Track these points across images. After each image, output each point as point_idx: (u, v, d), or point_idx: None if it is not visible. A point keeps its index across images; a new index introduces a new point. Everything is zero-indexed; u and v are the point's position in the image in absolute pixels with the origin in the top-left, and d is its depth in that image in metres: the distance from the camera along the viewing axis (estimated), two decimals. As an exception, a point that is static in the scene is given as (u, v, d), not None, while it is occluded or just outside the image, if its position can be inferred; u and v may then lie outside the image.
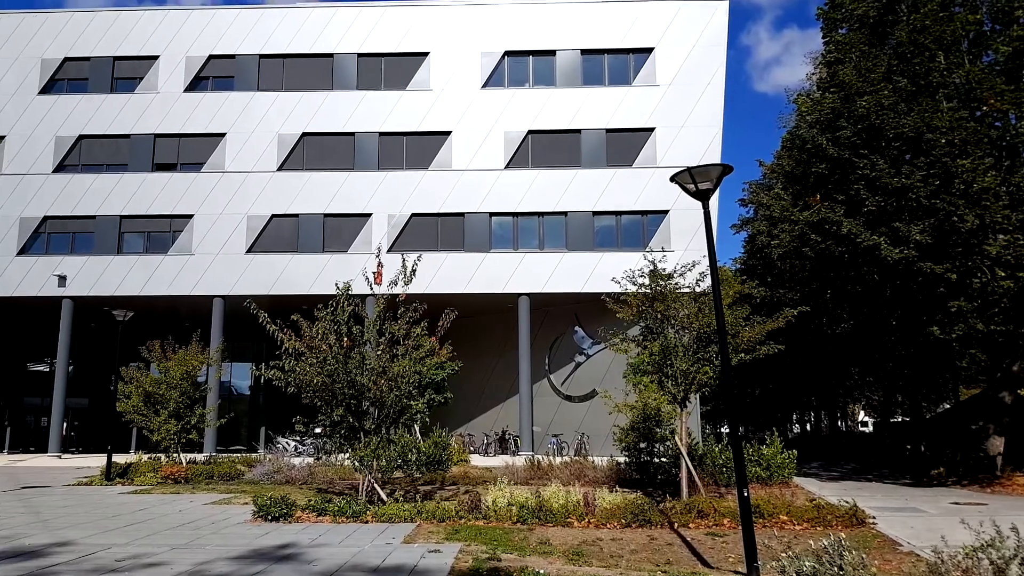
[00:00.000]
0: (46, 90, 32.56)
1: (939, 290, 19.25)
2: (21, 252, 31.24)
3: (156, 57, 32.47)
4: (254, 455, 26.22)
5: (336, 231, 30.88)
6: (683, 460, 13.82)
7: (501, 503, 12.53)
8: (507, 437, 30.45)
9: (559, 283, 29.80)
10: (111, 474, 19.54)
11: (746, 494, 8.38)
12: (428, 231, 30.56)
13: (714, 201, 30.76)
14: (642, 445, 17.05)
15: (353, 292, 14.47)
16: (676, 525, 11.63)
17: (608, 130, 30.81)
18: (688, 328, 14.24)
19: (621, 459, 18.00)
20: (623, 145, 30.63)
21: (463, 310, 15.57)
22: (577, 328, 31.86)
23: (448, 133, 31.10)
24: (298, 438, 28.96)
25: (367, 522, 12.09)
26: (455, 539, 10.41)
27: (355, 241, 30.58)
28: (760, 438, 25.83)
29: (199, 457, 23.68)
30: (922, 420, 31.97)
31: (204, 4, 31.05)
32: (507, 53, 31.66)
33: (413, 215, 30.69)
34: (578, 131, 30.94)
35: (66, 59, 32.71)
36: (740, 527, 8.68)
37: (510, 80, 31.71)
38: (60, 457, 29.78)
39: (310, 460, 20.75)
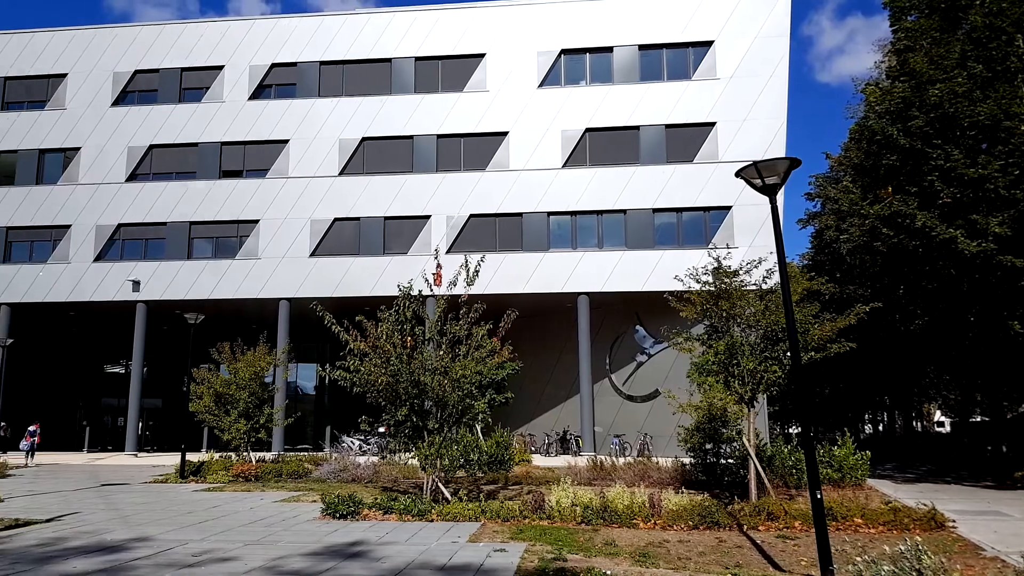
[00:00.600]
0: (118, 102, 33.84)
1: (1020, 284, 18.38)
2: (97, 259, 32.54)
3: (221, 67, 33.41)
4: (320, 454, 26.73)
5: (396, 233, 31.27)
6: (751, 461, 13.50)
7: (565, 503, 12.44)
8: (568, 437, 30.32)
9: (619, 282, 29.55)
10: (185, 472, 20.16)
11: (819, 496, 8.12)
12: (486, 232, 30.68)
13: (779, 196, 30.05)
14: (708, 446, 16.74)
15: (415, 293, 14.58)
16: (745, 527, 11.36)
17: (667, 126, 30.42)
18: (755, 326, 13.92)
19: (686, 460, 17.70)
20: (683, 141, 30.19)
21: (522, 310, 15.52)
22: (638, 327, 31.51)
23: (505, 133, 31.17)
24: (362, 437, 29.42)
25: (432, 521, 12.15)
26: (520, 539, 10.37)
27: (415, 243, 30.91)
28: (831, 439, 25.11)
29: (268, 456, 24.24)
30: (1003, 420, 30.57)
31: (265, 14, 32.12)
32: (563, 51, 31.57)
33: (471, 216, 30.85)
34: (636, 128, 30.63)
35: (136, 72, 33.95)
36: (812, 530, 8.43)
37: (567, 78, 31.59)
38: (136, 455, 30.93)
39: (375, 459, 21.03)
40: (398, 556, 9.09)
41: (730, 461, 16.47)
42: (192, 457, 22.84)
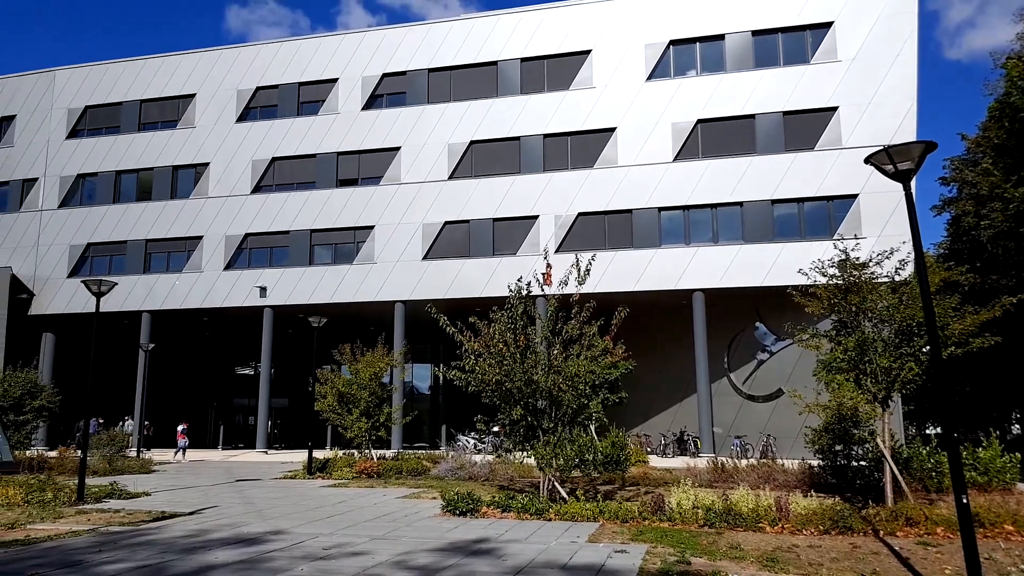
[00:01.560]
0: (242, 118, 35.77)
1: None
2: (227, 267, 34.50)
3: (335, 80, 34.72)
4: (436, 452, 27.29)
5: (505, 234, 31.51)
6: (886, 463, 12.72)
7: (686, 505, 12.12)
8: (686, 438, 29.64)
9: (736, 277, 28.61)
10: (312, 469, 21.02)
11: (965, 500, 7.51)
12: (595, 229, 30.43)
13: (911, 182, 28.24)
14: (837, 447, 15.91)
15: (526, 293, 14.59)
16: (882, 533, 10.70)
17: (785, 113, 29.21)
18: (888, 321, 13.10)
19: (813, 462, 16.90)
20: (802, 128, 28.90)
21: (634, 308, 15.26)
22: (758, 324, 30.40)
23: (612, 129, 30.82)
24: (477, 436, 29.80)
25: (550, 520, 12.11)
26: (640, 540, 10.17)
27: (523, 243, 31.05)
28: (974, 440, 23.36)
29: (388, 453, 24.95)
30: None
31: (371, 26, 32.84)
32: (672, 42, 30.90)
33: (579, 214, 30.68)
34: (751, 116, 29.59)
35: (258, 88, 35.78)
36: (956, 537, 7.81)
37: (676, 70, 30.91)
38: (266, 452, 32.56)
39: (490, 457, 21.22)
40: (520, 554, 9.10)
41: (862, 463, 15.60)
42: (318, 454, 23.76)
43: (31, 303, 36.39)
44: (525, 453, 14.68)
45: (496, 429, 21.25)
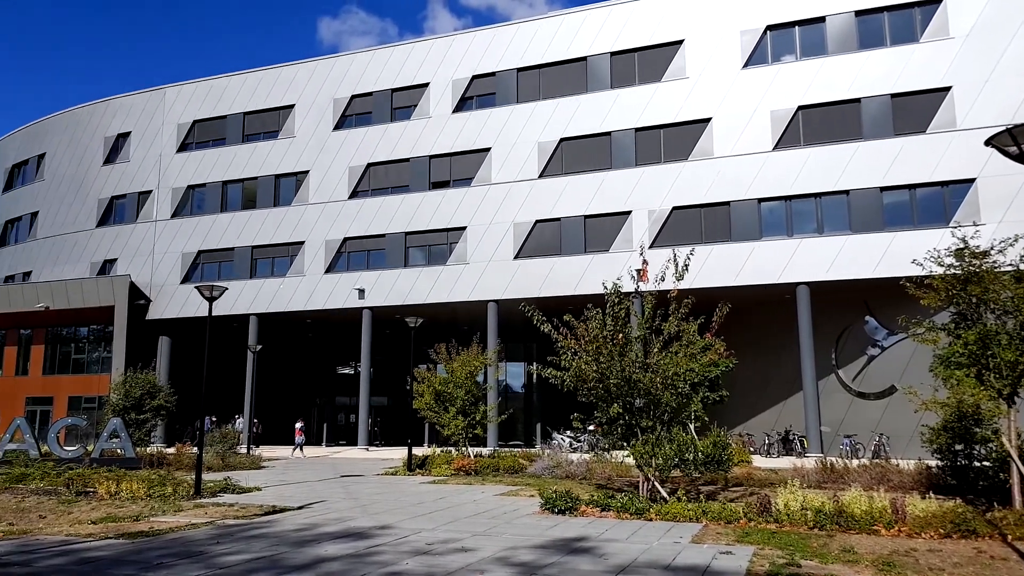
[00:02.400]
0: (338, 126, 36.89)
1: None
2: (328, 270, 35.67)
3: (426, 85, 35.33)
4: (532, 450, 27.31)
5: (597, 231, 31.25)
6: (1013, 464, 11.87)
7: (794, 506, 11.65)
8: (791, 437, 28.59)
9: (843, 269, 27.39)
10: (411, 465, 21.44)
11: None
12: (691, 223, 29.77)
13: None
14: (958, 447, 14.96)
15: (622, 290, 14.40)
16: (1010, 538, 10.00)
17: (893, 95, 27.75)
18: (1013, 313, 12.21)
19: (931, 462, 15.96)
20: (912, 110, 27.39)
21: (734, 303, 14.80)
22: (868, 318, 28.97)
23: (707, 120, 30.08)
24: (573, 434, 29.67)
25: (651, 520, 11.91)
26: (746, 542, 9.85)
27: (616, 239, 30.72)
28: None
29: (484, 451, 25.18)
30: None
31: (458, 30, 33.10)
32: (769, 28, 29.90)
33: (674, 208, 30.09)
34: (856, 100, 28.25)
35: (353, 96, 36.82)
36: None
37: (773, 55, 29.89)
38: (367, 449, 33.46)
39: (586, 456, 21.09)
40: (621, 553, 8.97)
41: (985, 464, 14.61)
42: (416, 451, 24.18)
43: (148, 308, 38.67)
44: (623, 452, 14.50)
45: (592, 427, 21.00)
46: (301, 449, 31.19)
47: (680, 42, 31.05)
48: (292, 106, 37.85)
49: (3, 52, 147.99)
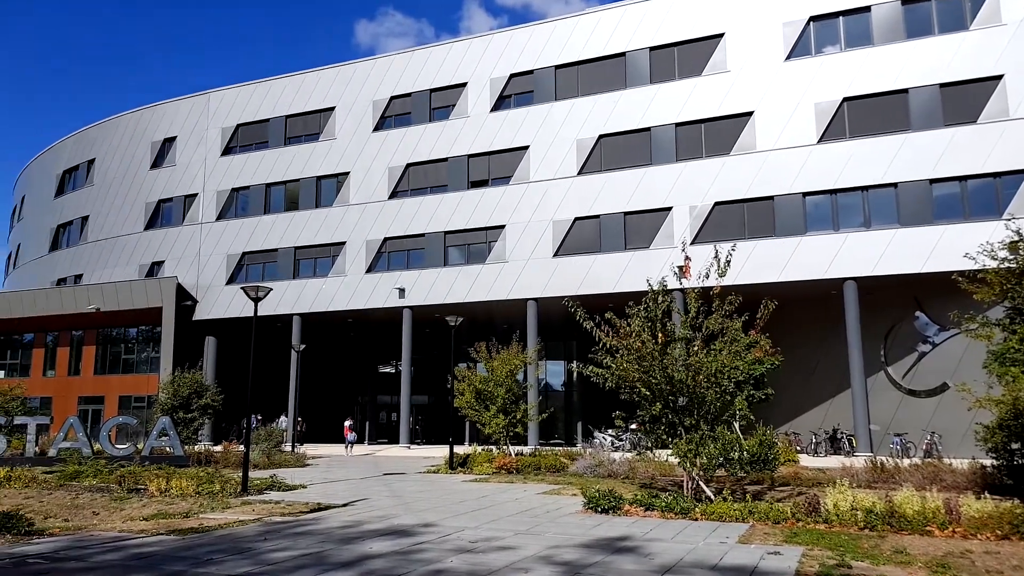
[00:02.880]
0: (378, 127, 37.20)
1: None
2: (368, 270, 36.00)
3: (464, 84, 35.42)
4: (573, 449, 27.22)
5: (637, 228, 31.01)
6: (1077, 464, 11.43)
7: (843, 506, 11.39)
8: (839, 436, 28.02)
9: (891, 263, 26.73)
10: (453, 464, 21.52)
11: None
12: (733, 219, 29.36)
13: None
14: (1014, 446, 14.47)
15: (664, 287, 14.24)
16: (1075, 541, 9.62)
17: (942, 85, 27.02)
18: (1073, 305, 11.79)
19: (986, 462, 15.49)
20: (962, 100, 26.62)
21: (780, 299, 14.52)
22: (918, 313, 28.24)
23: (750, 114, 29.64)
24: (614, 433, 29.49)
25: (696, 519, 11.76)
26: (794, 542, 9.66)
27: (656, 236, 30.44)
28: None
29: (525, 450, 25.17)
30: None
31: (493, 29, 33.10)
32: (812, 18, 29.35)
33: (716, 204, 29.71)
34: (904, 91, 27.58)
35: (392, 97, 37.09)
36: None
37: (817, 47, 29.32)
38: (409, 448, 33.69)
39: (628, 455, 20.93)
40: (666, 553, 8.87)
41: (1044, 463, 14.12)
42: (457, 450, 24.25)
43: (195, 309, 39.47)
44: (666, 451, 14.35)
45: (634, 426, 20.83)
46: (351, 447, 31.76)
47: (720, 35, 30.64)
48: (332, 108, 38.28)
49: (54, 60, 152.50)
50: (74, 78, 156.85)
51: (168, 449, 21.59)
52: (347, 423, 32.99)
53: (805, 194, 28.50)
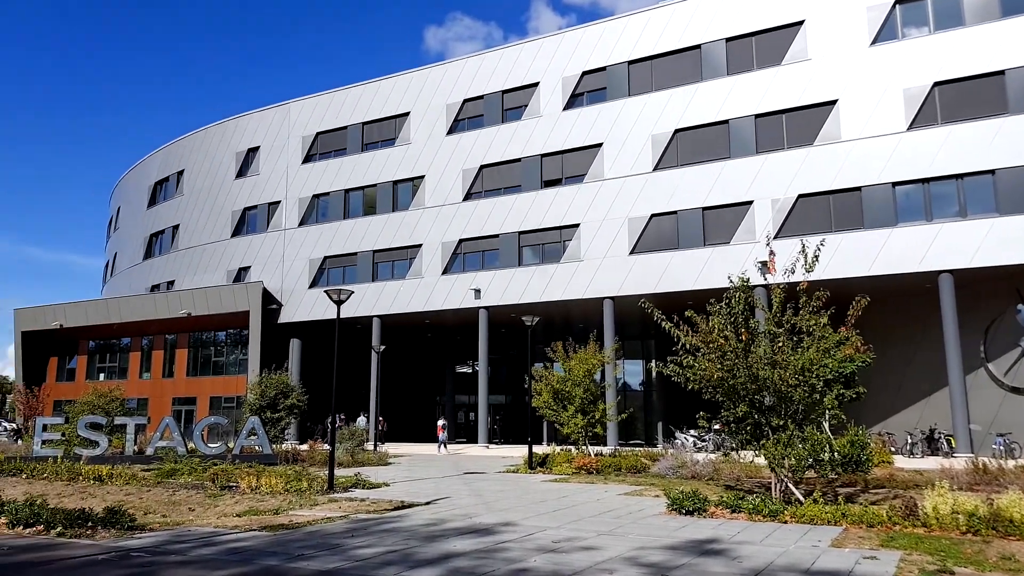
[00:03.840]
0: (451, 131, 37.59)
1: None
2: (444, 272, 36.41)
3: (536, 84, 35.43)
4: (654, 449, 26.84)
5: (716, 223, 30.37)
6: None
7: (943, 510, 10.83)
8: (937, 436, 26.74)
9: (990, 255, 25.37)
10: (532, 463, 21.50)
11: None
12: (818, 211, 28.40)
13: None
14: None
15: (746, 283, 13.87)
16: None
17: (1045, 63, 25.50)
18: None
19: (1103, 464, 14.49)
20: (1066, 79, 25.05)
21: (869, 294, 13.92)
22: (1021, 307, 26.69)
23: (833, 102, 28.62)
24: (696, 433, 28.93)
25: (785, 522, 11.39)
26: (891, 546, 9.23)
27: (737, 231, 29.74)
28: None
29: (604, 450, 24.96)
30: None
31: (561, 28, 32.86)
32: (898, 1, 28.11)
33: (799, 196, 28.81)
34: (1000, 72, 26.16)
35: (464, 100, 37.42)
36: None
37: (904, 30, 28.09)
38: (487, 447, 33.90)
39: (712, 456, 20.51)
40: (756, 556, 8.60)
41: None
42: (536, 449, 24.22)
43: (280, 312, 40.74)
44: (753, 452, 13.97)
45: (717, 426, 20.38)
46: (445, 446, 32.25)
47: (800, 23, 29.70)
48: (407, 113, 38.88)
49: (143, 76, 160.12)
50: (163, 93, 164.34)
51: (257, 448, 22.31)
52: (440, 423, 33.61)
53: (895, 184, 27.32)
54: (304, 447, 27.04)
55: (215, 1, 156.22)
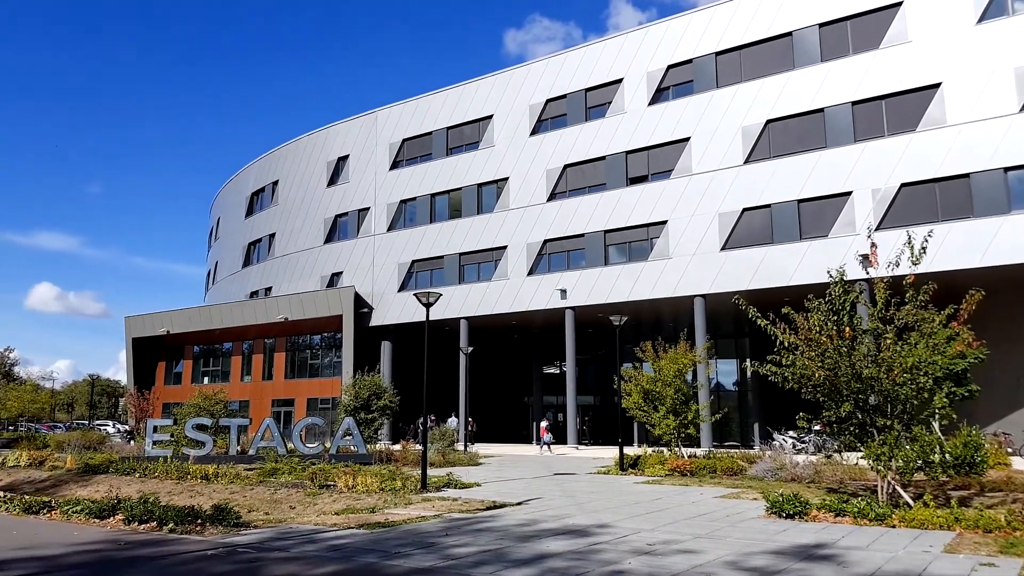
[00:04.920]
0: (535, 131, 37.61)
1: None
2: (530, 272, 36.45)
3: (620, 80, 35.03)
4: (751, 451, 26.06)
5: (812, 216, 29.28)
6: None
7: (1072, 516, 10.08)
8: (1060, 437, 24.99)
9: (1118, 241, 23.53)
10: (624, 465, 21.23)
11: None
12: (923, 200, 26.97)
13: None
14: None
15: (847, 277, 13.27)
16: None
17: None
18: None
19: None
20: None
21: (981, 286, 13.08)
22: None
23: (936, 85, 27.16)
24: (795, 434, 27.93)
25: (893, 526, 10.86)
26: (1011, 553, 8.65)
27: (835, 223, 28.60)
28: None
29: (698, 452, 24.40)
30: None
31: (642, 23, 32.19)
32: (1008, -26, 26.47)
33: (902, 185, 27.45)
34: None
35: (547, 100, 37.40)
36: None
37: (1014, 6, 26.35)
38: (577, 448, 33.71)
39: (813, 457, 19.75)
40: (864, 562, 8.21)
41: None
42: (626, 451, 23.93)
43: (371, 316, 41.74)
44: (857, 454, 13.37)
45: (818, 427, 19.60)
46: (549, 447, 32.26)
47: (898, 4, 28.31)
48: (490, 116, 39.16)
49: (237, 91, 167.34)
50: (258, 107, 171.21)
51: (352, 448, 22.87)
52: (543, 424, 33.66)
53: (1007, 169, 25.66)
54: (397, 447, 27.54)
55: (303, 21, 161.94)
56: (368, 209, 43.57)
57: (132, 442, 30.66)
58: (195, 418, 24.89)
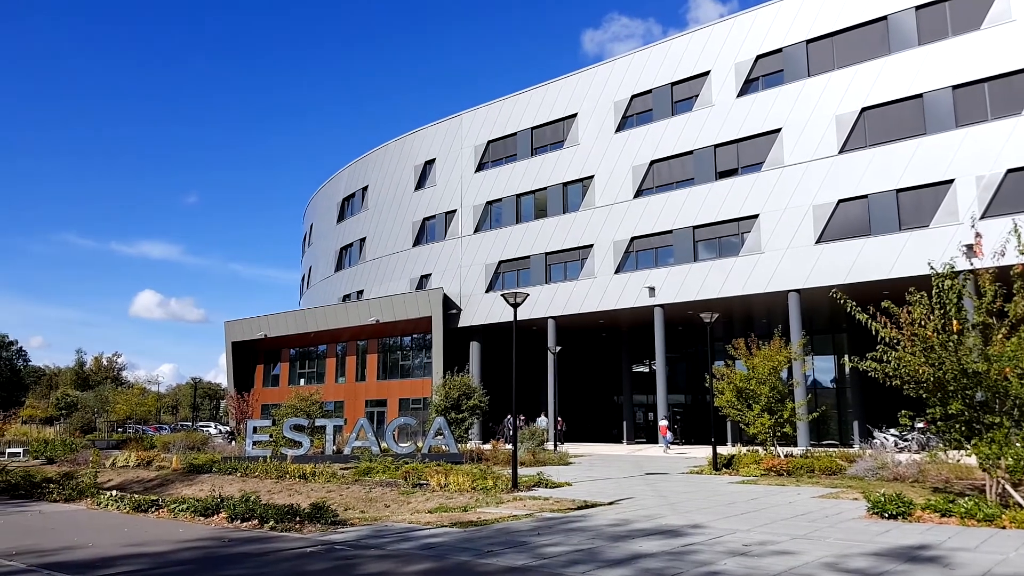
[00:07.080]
0: (620, 128, 37.33)
1: None
2: (617, 271, 36.22)
3: (707, 73, 34.37)
4: (850, 450, 25.15)
5: (912, 206, 27.98)
6: None
7: None
8: None
9: None
10: (717, 464, 20.88)
11: None
12: (1032, 187, 25.37)
13: None
14: None
15: (951, 269, 12.70)
16: None
17: None
18: None
19: None
20: None
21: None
22: None
23: (1047, 64, 25.48)
24: (897, 432, 26.77)
25: (1003, 527, 10.39)
26: None
27: (936, 213, 27.25)
28: None
29: (795, 451, 23.73)
30: None
31: (723, 15, 31.55)
32: None
33: (1008, 171, 25.93)
34: None
35: (632, 96, 37.05)
36: None
37: None
38: (667, 449, 33.25)
39: (916, 456, 18.92)
40: (971, 564, 7.90)
41: None
42: (719, 450, 23.52)
43: (459, 317, 42.38)
44: (964, 452, 12.77)
45: (921, 425, 18.72)
46: (669, 447, 32.17)
47: (1004, -22, 26.71)
48: (575, 115, 39.12)
49: (328, 99, 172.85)
50: (344, 112, 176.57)
51: (444, 447, 23.32)
52: (662, 423, 33.37)
53: None
54: (487, 447, 27.90)
55: (388, 34, 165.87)
56: (455, 211, 44.27)
57: (233, 443, 32.06)
58: (292, 419, 25.70)
